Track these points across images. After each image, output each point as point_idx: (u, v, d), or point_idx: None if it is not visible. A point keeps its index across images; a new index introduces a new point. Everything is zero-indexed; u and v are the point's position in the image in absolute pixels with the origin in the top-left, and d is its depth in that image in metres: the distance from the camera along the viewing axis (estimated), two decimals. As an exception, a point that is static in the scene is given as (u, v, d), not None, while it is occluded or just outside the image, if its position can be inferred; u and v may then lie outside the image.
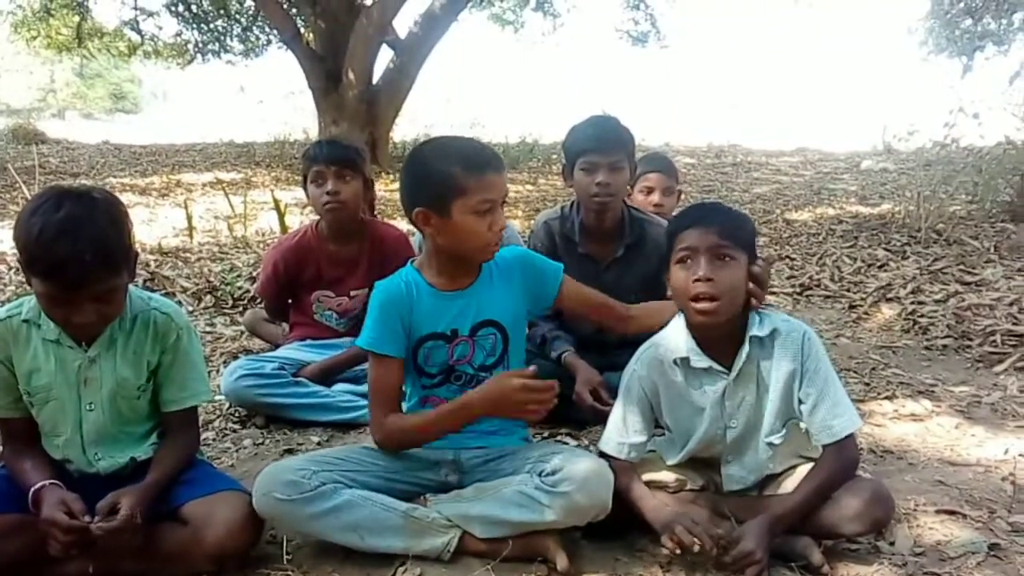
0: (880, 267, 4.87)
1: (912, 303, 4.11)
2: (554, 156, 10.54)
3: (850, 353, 3.50)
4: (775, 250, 5.48)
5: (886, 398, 2.96)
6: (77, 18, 12.20)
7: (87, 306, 1.67)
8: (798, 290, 4.58)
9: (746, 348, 1.84)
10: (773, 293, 4.52)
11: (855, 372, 3.25)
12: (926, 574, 1.78)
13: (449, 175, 1.82)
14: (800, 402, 1.85)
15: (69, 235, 1.60)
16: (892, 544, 1.90)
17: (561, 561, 1.75)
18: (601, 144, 2.58)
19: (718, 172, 9.57)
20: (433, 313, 1.95)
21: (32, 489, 1.73)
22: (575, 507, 1.75)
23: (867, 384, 3.12)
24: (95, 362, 1.83)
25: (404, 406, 2.00)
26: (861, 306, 4.22)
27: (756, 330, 1.84)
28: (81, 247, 1.60)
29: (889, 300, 4.25)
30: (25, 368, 1.82)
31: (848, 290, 4.51)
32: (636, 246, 2.69)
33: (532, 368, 1.79)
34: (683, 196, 3.67)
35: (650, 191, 3.21)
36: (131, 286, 1.87)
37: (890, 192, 7.73)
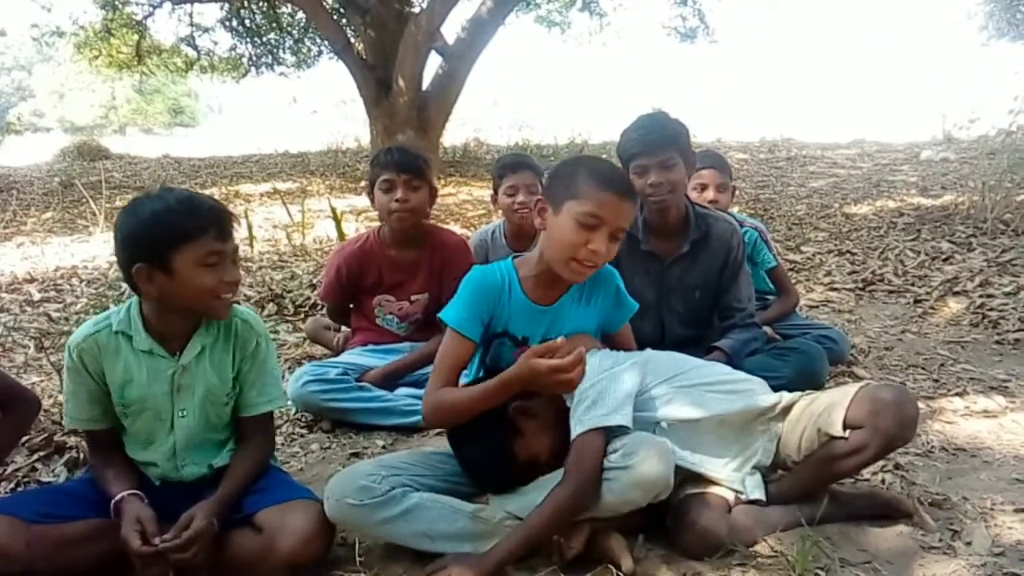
0: (945, 260, 4.75)
1: (980, 296, 4.00)
2: (604, 156, 10.50)
3: (917, 349, 3.42)
4: (835, 244, 5.38)
5: (956, 394, 2.89)
6: (136, 36, 12.54)
7: (231, 265, 1.84)
8: (860, 285, 4.49)
9: None
10: (835, 289, 4.45)
11: (923, 368, 3.18)
12: (1006, 574, 1.74)
13: None
14: None
15: (196, 198, 1.81)
16: (969, 544, 1.86)
17: (626, 562, 1.75)
18: (648, 146, 2.56)
19: (772, 167, 9.41)
20: (514, 315, 2.01)
21: (113, 501, 1.80)
22: (639, 481, 1.74)
23: (936, 380, 3.04)
24: (187, 369, 1.89)
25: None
26: (927, 300, 4.12)
27: None
28: (213, 203, 1.82)
29: (956, 294, 4.14)
30: (118, 380, 1.88)
31: (913, 284, 4.40)
32: (701, 242, 2.67)
33: (560, 340, 1.76)
34: (737, 192, 3.63)
35: (704, 188, 3.19)
36: None
37: (952, 183, 7.51)
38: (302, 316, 4.12)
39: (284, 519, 1.81)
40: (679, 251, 2.68)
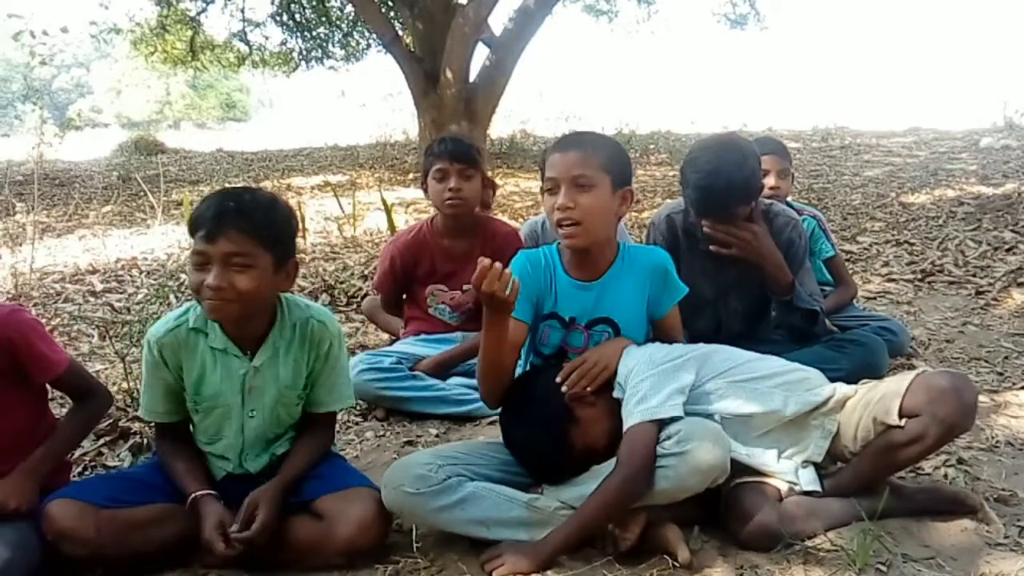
0: (1008, 250, 4.60)
1: (1047, 287, 3.88)
2: (651, 146, 10.42)
3: (979, 341, 3.33)
4: (892, 235, 5.25)
5: (1022, 388, 2.81)
6: (190, 32, 12.82)
7: (219, 270, 1.73)
8: (919, 276, 4.38)
9: None
10: (893, 280, 4.35)
11: (986, 361, 3.09)
12: (1077, 573, 1.69)
13: None
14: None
15: (223, 195, 1.78)
16: (1038, 541, 1.81)
17: (683, 553, 1.74)
18: (707, 211, 2.47)
19: (825, 155, 9.23)
20: (560, 297, 2.03)
21: (190, 497, 1.85)
22: (696, 467, 1.73)
23: (1000, 374, 2.96)
24: (259, 371, 1.91)
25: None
26: (989, 292, 4.01)
27: None
28: (228, 201, 1.76)
29: (1020, 285, 4.03)
30: (194, 376, 1.91)
31: (974, 275, 4.28)
32: None
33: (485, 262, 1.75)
34: (794, 180, 3.57)
35: (765, 174, 3.12)
36: (290, 294, 1.97)
37: (1014, 171, 7.27)
38: (354, 307, 4.17)
39: (343, 507, 1.84)
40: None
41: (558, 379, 1.93)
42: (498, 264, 1.74)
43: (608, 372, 1.94)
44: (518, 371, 2.08)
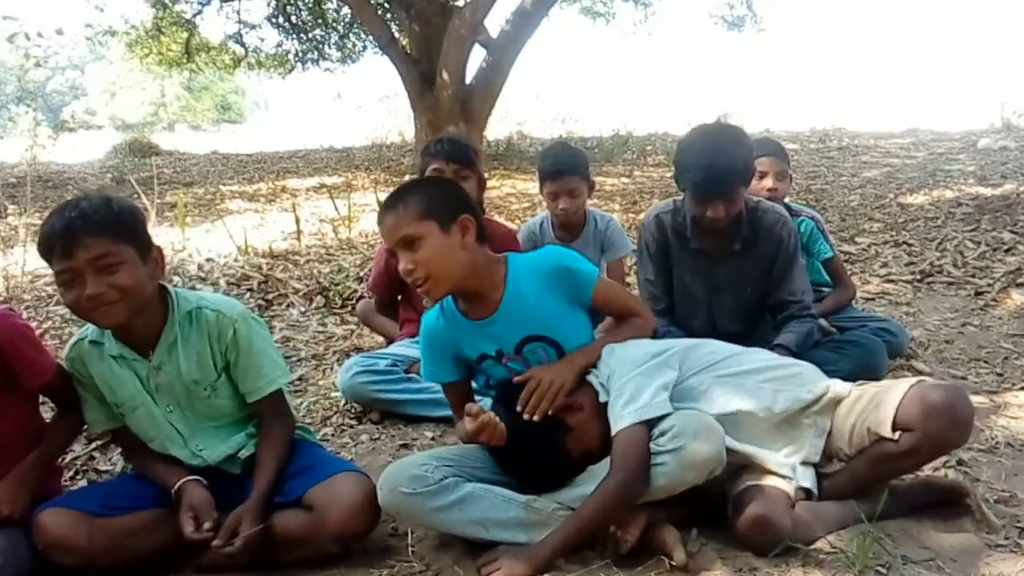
0: (1007, 251, 4.59)
1: (1046, 288, 3.86)
2: (648, 148, 10.41)
3: (979, 342, 3.31)
4: (890, 235, 5.24)
5: (1022, 389, 2.80)
6: (186, 34, 12.78)
7: (92, 278, 1.70)
8: (918, 277, 4.36)
9: None
10: (892, 281, 4.34)
11: (986, 362, 3.08)
12: (1079, 575, 1.67)
13: None
14: None
15: (63, 210, 1.72)
16: (1039, 543, 1.79)
17: (679, 555, 1.73)
18: (712, 193, 2.44)
19: (823, 157, 9.22)
20: (474, 339, 2.01)
21: (174, 489, 1.85)
22: (692, 461, 1.73)
23: (1000, 375, 2.95)
24: (160, 369, 1.89)
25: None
26: (988, 292, 3.99)
27: None
28: (71, 215, 1.70)
29: (1020, 285, 4.01)
30: (107, 382, 1.91)
31: (973, 276, 4.26)
32: (753, 239, 2.60)
33: (475, 407, 1.83)
34: (792, 181, 3.55)
35: (763, 175, 3.10)
36: (180, 288, 1.96)
37: (1012, 171, 7.26)
38: (349, 308, 4.14)
39: (331, 494, 1.83)
40: (730, 250, 2.61)
41: (518, 409, 1.88)
42: (490, 414, 1.80)
43: (565, 388, 1.90)
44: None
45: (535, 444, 1.88)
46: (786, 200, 3.22)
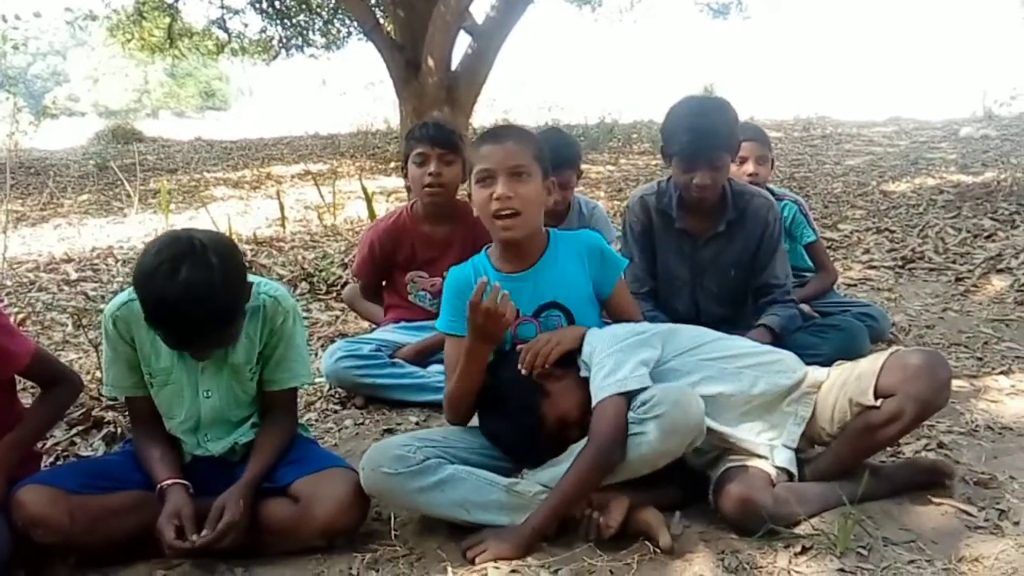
0: (987, 237, 4.63)
1: (1025, 274, 3.89)
2: (634, 135, 10.42)
3: (959, 327, 3.34)
4: (872, 222, 5.27)
5: (1001, 373, 2.82)
6: (168, 19, 12.67)
7: (205, 351, 1.81)
8: (900, 263, 4.39)
9: None
10: (874, 267, 4.37)
11: (966, 347, 3.10)
12: (1055, 554, 1.69)
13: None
14: None
15: (188, 306, 1.64)
16: (1017, 524, 1.81)
17: (664, 538, 1.73)
18: (698, 150, 2.45)
19: (807, 145, 9.27)
20: None
21: (158, 486, 1.82)
22: (672, 426, 1.72)
23: (980, 359, 2.97)
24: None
25: None
26: (969, 278, 4.02)
27: None
28: (198, 317, 1.65)
29: (1000, 271, 4.04)
30: (147, 350, 1.89)
31: (954, 262, 4.30)
32: (738, 221, 2.61)
33: (482, 279, 1.83)
34: (775, 167, 3.56)
35: (744, 161, 3.11)
36: None
37: (993, 160, 7.34)
38: (334, 295, 4.13)
39: (319, 488, 1.82)
40: (714, 230, 2.62)
41: (519, 363, 1.92)
42: (497, 284, 1.80)
43: (561, 348, 1.93)
44: None
45: (514, 404, 1.90)
46: (768, 185, 3.23)
